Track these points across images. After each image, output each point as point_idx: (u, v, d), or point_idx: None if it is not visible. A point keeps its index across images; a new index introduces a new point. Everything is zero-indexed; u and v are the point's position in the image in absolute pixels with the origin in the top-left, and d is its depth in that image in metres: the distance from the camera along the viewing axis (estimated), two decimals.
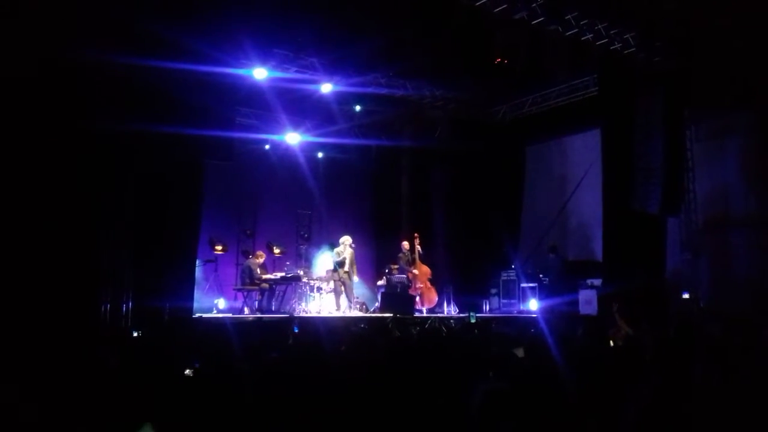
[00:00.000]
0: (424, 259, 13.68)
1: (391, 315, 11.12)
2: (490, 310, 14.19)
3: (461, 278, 14.56)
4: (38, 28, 8.18)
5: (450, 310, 13.65)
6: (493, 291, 14.63)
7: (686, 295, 11.69)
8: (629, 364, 3.74)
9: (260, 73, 11.66)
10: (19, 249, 7.94)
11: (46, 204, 8.25)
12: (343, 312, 12.48)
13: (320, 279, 13.38)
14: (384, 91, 13.16)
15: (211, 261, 13.57)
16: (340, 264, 12.95)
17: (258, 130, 14.30)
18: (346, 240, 13.19)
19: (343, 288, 12.85)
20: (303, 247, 15.16)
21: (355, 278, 13.37)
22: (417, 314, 12.21)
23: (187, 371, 3.90)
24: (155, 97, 9.27)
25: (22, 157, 8.12)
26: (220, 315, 12.07)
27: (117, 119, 8.81)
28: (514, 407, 2.65)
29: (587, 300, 11.80)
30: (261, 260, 13.08)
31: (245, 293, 12.68)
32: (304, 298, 12.87)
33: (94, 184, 8.97)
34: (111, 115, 8.77)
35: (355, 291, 13.43)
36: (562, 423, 2.97)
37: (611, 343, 5.51)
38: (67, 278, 8.31)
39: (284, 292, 13.13)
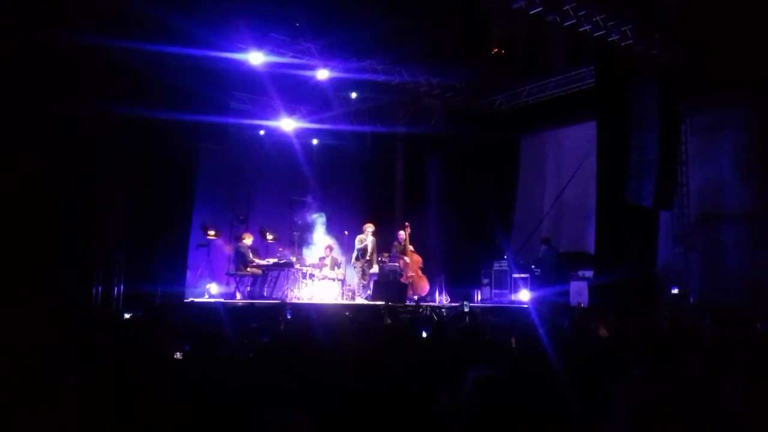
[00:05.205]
0: (416, 248, 13.67)
1: (383, 303, 11.12)
2: (482, 300, 14.22)
3: (453, 267, 14.58)
4: (31, 14, 8.11)
5: (441, 299, 13.67)
6: (485, 281, 14.63)
7: (675, 290, 11.75)
8: (614, 356, 3.76)
9: (256, 58, 11.56)
10: (13, 231, 7.90)
11: (40, 188, 8.20)
12: (336, 300, 12.50)
13: (313, 266, 13.36)
14: (380, 77, 13.09)
15: (204, 245, 13.53)
16: (362, 252, 12.90)
17: (253, 116, 14.25)
18: (369, 228, 13.16)
19: (360, 276, 12.85)
20: (296, 234, 15.12)
21: (375, 267, 13.32)
22: (408, 303, 12.21)
23: (177, 354, 3.90)
24: (149, 82, 9.22)
25: (15, 142, 8.06)
26: (212, 300, 12.06)
27: (110, 103, 8.74)
28: (504, 394, 2.65)
29: (578, 291, 11.86)
30: (249, 241, 13.02)
31: (237, 278, 12.66)
32: (296, 285, 12.85)
33: (88, 168, 8.92)
34: (104, 100, 8.70)
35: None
36: (551, 411, 2.98)
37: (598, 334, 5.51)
38: (60, 260, 8.29)
39: (276, 278, 13.11)
